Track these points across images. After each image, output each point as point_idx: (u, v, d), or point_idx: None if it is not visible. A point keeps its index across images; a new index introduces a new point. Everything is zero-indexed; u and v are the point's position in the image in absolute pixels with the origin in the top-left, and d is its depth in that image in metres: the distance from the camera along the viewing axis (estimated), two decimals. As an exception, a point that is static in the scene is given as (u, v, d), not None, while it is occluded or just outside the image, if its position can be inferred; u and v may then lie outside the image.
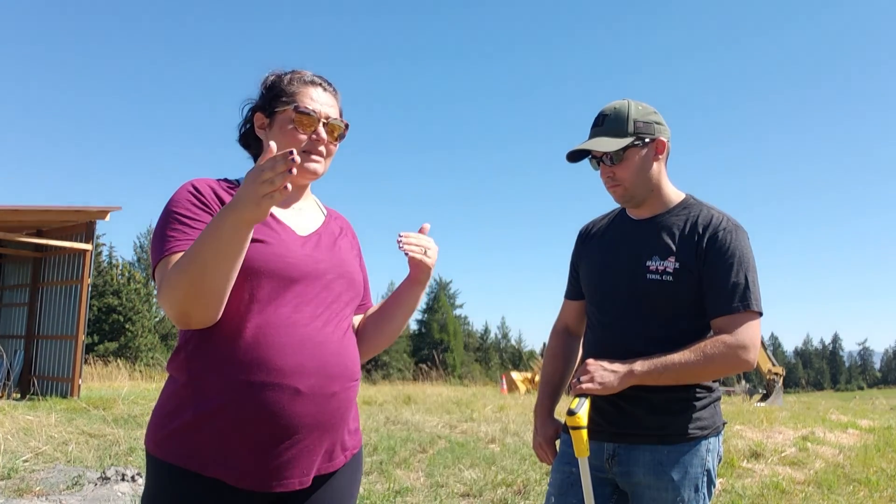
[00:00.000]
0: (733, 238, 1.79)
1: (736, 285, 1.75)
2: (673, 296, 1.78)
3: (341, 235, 1.65)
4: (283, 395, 1.36)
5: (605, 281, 1.91)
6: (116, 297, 38.24)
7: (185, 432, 1.36)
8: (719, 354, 1.71)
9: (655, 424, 1.78)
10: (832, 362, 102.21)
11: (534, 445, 2.10)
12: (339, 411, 1.45)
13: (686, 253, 1.79)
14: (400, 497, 4.63)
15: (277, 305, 1.40)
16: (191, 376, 1.38)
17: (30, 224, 12.21)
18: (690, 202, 1.90)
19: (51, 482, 4.75)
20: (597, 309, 1.94)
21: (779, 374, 18.01)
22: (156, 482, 1.40)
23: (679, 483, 1.76)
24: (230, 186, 1.51)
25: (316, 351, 1.41)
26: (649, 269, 1.80)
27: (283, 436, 1.36)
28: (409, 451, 6.05)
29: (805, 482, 5.42)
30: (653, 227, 1.88)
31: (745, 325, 1.73)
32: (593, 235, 2.05)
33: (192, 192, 1.44)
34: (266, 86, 1.59)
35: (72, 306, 11.81)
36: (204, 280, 1.27)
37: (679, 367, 1.70)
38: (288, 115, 1.52)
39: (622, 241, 1.93)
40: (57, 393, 11.40)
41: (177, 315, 1.33)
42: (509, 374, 21.28)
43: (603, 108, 1.89)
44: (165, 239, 1.38)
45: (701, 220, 1.83)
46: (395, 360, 48.39)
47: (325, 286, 1.48)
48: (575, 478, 1.80)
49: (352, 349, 1.53)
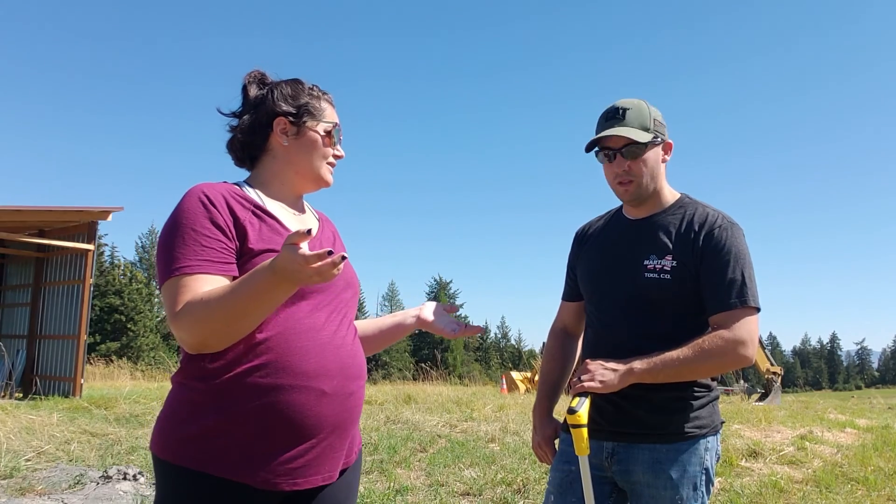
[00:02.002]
0: (729, 235, 1.81)
1: (733, 282, 1.76)
2: (671, 294, 1.80)
3: (336, 240, 1.72)
4: (311, 396, 1.40)
5: (604, 281, 1.93)
6: (118, 297, 38.27)
7: (207, 437, 1.35)
8: (717, 350, 1.71)
9: (655, 423, 1.80)
10: (830, 362, 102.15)
11: (533, 445, 2.11)
12: (355, 409, 1.52)
13: (683, 251, 1.81)
14: (400, 496, 4.65)
15: (295, 312, 1.43)
16: (211, 383, 1.37)
17: (32, 224, 12.23)
18: (686, 201, 1.92)
19: (53, 481, 4.77)
20: (596, 309, 1.95)
21: (777, 373, 18.00)
22: (173, 488, 1.39)
23: (678, 481, 1.77)
24: (238, 194, 1.50)
25: (336, 353, 1.47)
26: (647, 268, 1.82)
27: (309, 436, 1.40)
28: (409, 450, 6.07)
29: (803, 481, 5.44)
30: (649, 227, 1.89)
31: (742, 320, 1.74)
32: (590, 236, 2.06)
33: (205, 203, 1.41)
34: (290, 94, 1.59)
35: (74, 306, 11.84)
36: (242, 323, 1.32)
37: (678, 364, 1.71)
38: (318, 130, 1.59)
39: (619, 241, 1.95)
40: (59, 392, 11.44)
41: (194, 344, 1.34)
42: (509, 374, 21.26)
43: (617, 102, 1.88)
44: (177, 257, 1.36)
45: (697, 218, 1.85)
46: (396, 360, 48.38)
47: (333, 291, 1.53)
48: (574, 476, 1.81)
49: (361, 350, 1.60)
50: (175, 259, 1.36)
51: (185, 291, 1.33)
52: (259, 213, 1.49)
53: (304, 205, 1.70)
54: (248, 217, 1.46)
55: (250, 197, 1.51)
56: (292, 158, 1.59)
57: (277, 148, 1.59)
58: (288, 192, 1.61)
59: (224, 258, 1.39)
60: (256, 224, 1.46)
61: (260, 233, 1.45)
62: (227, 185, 1.51)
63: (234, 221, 1.43)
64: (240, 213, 1.45)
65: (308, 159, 1.59)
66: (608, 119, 1.87)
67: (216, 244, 1.39)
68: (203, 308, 1.30)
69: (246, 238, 1.43)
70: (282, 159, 1.59)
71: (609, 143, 1.85)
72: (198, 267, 1.35)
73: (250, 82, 1.62)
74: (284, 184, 1.60)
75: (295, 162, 1.59)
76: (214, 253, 1.38)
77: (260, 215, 1.49)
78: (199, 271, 1.35)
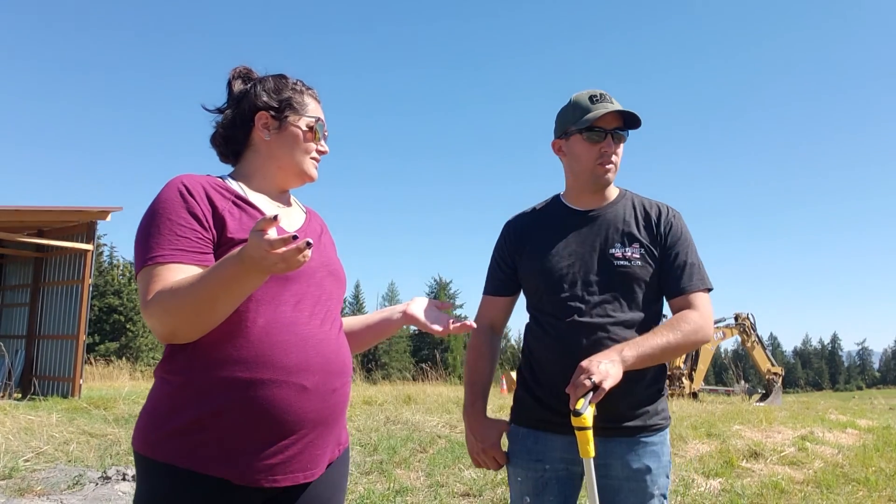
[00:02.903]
0: (682, 222, 1.95)
1: (692, 265, 1.89)
2: (641, 280, 1.87)
3: (323, 233, 1.68)
4: (290, 392, 1.38)
5: (569, 272, 1.88)
6: (117, 297, 38.24)
7: (187, 433, 1.35)
8: (692, 330, 1.80)
9: (631, 417, 1.83)
10: (831, 362, 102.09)
11: (474, 451, 1.98)
12: (338, 406, 1.49)
13: (647, 239, 1.90)
14: (400, 497, 4.63)
15: (277, 305, 1.42)
16: (191, 377, 1.37)
17: (31, 224, 12.21)
18: (627, 193, 2.01)
19: (52, 482, 4.76)
20: (558, 302, 1.87)
21: (778, 373, 18.01)
22: (153, 484, 1.38)
23: (656, 472, 1.81)
24: (219, 185, 1.50)
25: (318, 348, 1.44)
26: (615, 257, 1.87)
27: (289, 432, 1.38)
28: (409, 450, 6.06)
29: (804, 482, 5.43)
30: (606, 217, 1.93)
31: (704, 301, 1.87)
32: (531, 229, 2.00)
33: (183, 193, 1.42)
34: (273, 89, 1.60)
35: (73, 306, 11.82)
36: (212, 313, 1.30)
37: (662, 348, 1.75)
38: (300, 125, 1.58)
39: (576, 233, 1.93)
40: (58, 393, 11.42)
41: (165, 334, 1.34)
42: (508, 374, 21.21)
43: (599, 90, 1.92)
44: (152, 247, 1.37)
45: (649, 208, 1.96)
46: (396, 360, 48.37)
47: (318, 284, 1.51)
48: (549, 476, 1.82)
49: (346, 346, 1.57)
50: (149, 248, 1.37)
51: (157, 281, 1.33)
52: (240, 202, 1.48)
53: (291, 199, 1.69)
54: (227, 207, 1.45)
55: (231, 188, 1.51)
56: (274, 153, 1.59)
57: (259, 143, 1.59)
58: (271, 186, 1.60)
59: (199, 248, 1.39)
60: (236, 213, 1.46)
61: (240, 222, 1.45)
62: (208, 177, 1.51)
63: (212, 211, 1.43)
64: (219, 203, 1.44)
65: (290, 154, 1.59)
66: (601, 100, 1.89)
67: (191, 234, 1.38)
68: (171, 297, 1.29)
69: (224, 227, 1.42)
70: (264, 154, 1.59)
71: (602, 122, 1.87)
72: (171, 256, 1.35)
73: (235, 77, 1.63)
74: (266, 178, 1.59)
75: (277, 157, 1.59)
76: (189, 242, 1.38)
77: (241, 205, 1.48)
78: (173, 261, 1.35)
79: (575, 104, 1.92)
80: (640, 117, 1.88)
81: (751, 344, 18.40)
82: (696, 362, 17.73)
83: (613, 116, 1.88)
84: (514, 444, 1.93)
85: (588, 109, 1.88)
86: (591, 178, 1.92)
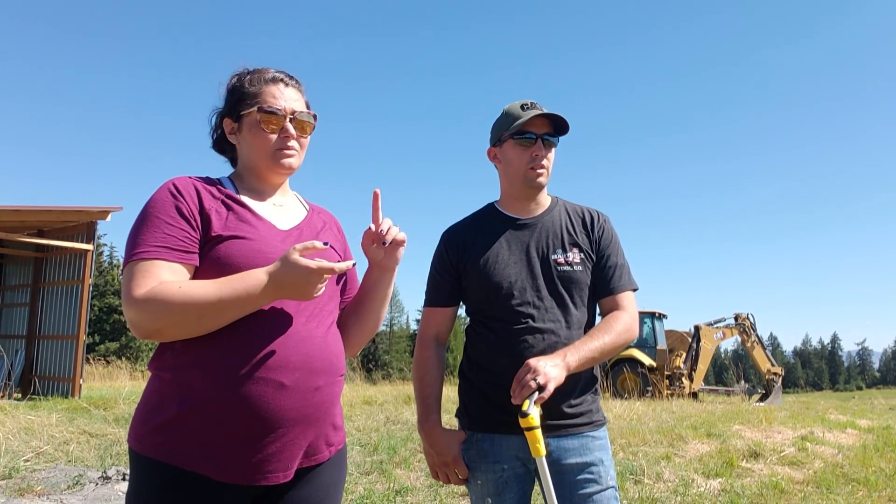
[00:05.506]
0: (611, 226, 2.05)
1: (621, 267, 1.99)
2: (583, 283, 1.95)
3: (324, 229, 1.66)
4: (268, 388, 1.37)
5: (517, 280, 1.92)
6: (117, 297, 38.28)
7: (169, 428, 1.36)
8: (625, 330, 1.89)
9: (579, 413, 1.90)
10: (831, 362, 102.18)
11: (435, 466, 1.97)
12: (322, 405, 1.47)
13: (584, 243, 1.98)
14: (400, 497, 4.64)
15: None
16: (176, 373, 1.38)
17: (31, 224, 12.22)
18: (559, 201, 2.08)
19: (52, 482, 4.76)
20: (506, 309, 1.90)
21: (778, 373, 17.99)
22: (138, 478, 1.39)
23: (608, 465, 1.89)
24: (212, 185, 1.52)
25: (300, 345, 1.43)
26: (558, 262, 1.94)
27: (268, 429, 1.38)
28: (409, 450, 6.06)
29: (804, 482, 5.43)
30: (543, 224, 2.00)
31: (631, 300, 1.98)
32: (472, 239, 2.01)
33: (174, 193, 1.45)
34: (228, 90, 1.60)
35: (73, 306, 11.83)
36: (213, 321, 1.35)
37: (600, 350, 1.81)
38: (254, 117, 1.55)
39: (515, 240, 1.98)
40: (58, 393, 11.43)
41: (149, 330, 1.35)
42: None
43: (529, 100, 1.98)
44: (138, 243, 1.40)
45: (583, 214, 2.04)
46: (396, 360, 48.40)
47: None
48: (508, 475, 1.86)
49: (336, 344, 1.54)
50: (136, 245, 1.40)
51: (142, 276, 1.36)
52: (230, 202, 1.50)
53: (294, 195, 1.69)
54: (215, 206, 1.48)
55: (225, 188, 1.54)
56: (244, 151, 1.60)
57: (237, 145, 1.62)
58: (257, 183, 1.61)
59: (184, 246, 1.41)
60: (224, 212, 1.48)
61: (226, 220, 1.46)
62: (203, 178, 1.54)
63: (199, 210, 1.45)
64: (207, 203, 1.47)
65: (252, 149, 1.58)
66: (531, 108, 1.96)
67: (178, 232, 1.41)
68: (179, 297, 1.32)
69: (210, 225, 1.44)
70: (243, 154, 1.62)
71: (532, 126, 1.93)
72: (155, 252, 1.38)
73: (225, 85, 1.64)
74: (252, 176, 1.61)
75: (246, 154, 1.60)
76: (174, 240, 1.40)
77: (229, 204, 1.50)
78: (156, 257, 1.38)
79: (507, 113, 1.99)
80: (568, 122, 1.94)
81: (751, 344, 18.39)
82: (696, 362, 17.74)
83: (543, 122, 1.94)
84: (470, 449, 1.93)
85: (519, 116, 1.94)
86: (524, 181, 1.96)
